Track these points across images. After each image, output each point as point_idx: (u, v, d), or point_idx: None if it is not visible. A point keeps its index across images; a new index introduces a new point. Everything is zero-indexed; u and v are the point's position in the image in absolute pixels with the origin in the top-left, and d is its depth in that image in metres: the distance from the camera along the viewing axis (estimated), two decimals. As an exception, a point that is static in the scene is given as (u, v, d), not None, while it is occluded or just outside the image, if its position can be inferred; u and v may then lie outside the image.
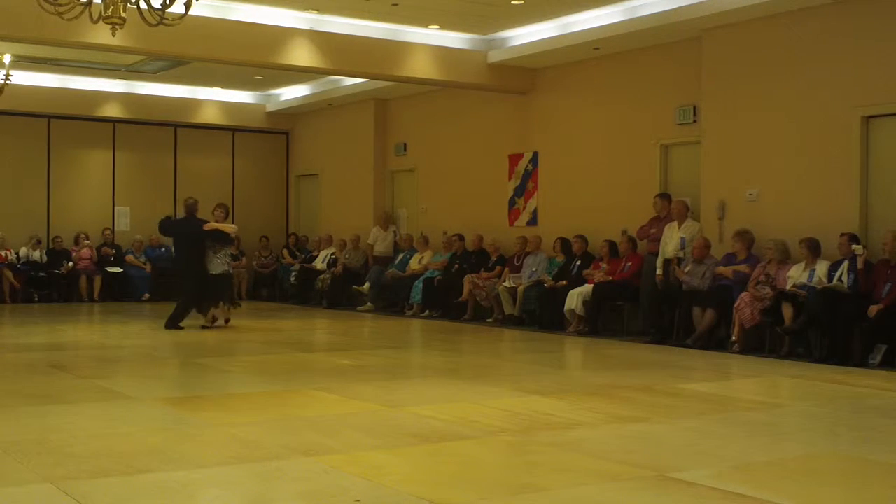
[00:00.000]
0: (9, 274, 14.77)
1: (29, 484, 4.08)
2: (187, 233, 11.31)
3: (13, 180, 15.68)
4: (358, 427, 5.40)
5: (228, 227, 11.43)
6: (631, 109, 11.66)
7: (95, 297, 15.37)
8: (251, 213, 17.50)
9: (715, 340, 9.64)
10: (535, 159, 13.01)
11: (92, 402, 6.29)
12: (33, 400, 6.28)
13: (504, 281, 12.22)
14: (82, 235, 15.68)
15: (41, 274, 15.29)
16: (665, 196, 10.83)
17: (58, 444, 4.87)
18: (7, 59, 11.02)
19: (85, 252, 15.50)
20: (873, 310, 8.27)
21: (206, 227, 11.18)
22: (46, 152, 16.00)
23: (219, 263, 11.21)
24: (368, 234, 15.16)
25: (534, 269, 12.08)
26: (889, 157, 9.07)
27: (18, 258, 15.21)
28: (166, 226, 11.85)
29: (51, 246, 15.61)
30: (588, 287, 10.97)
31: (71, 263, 15.37)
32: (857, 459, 4.85)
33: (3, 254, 14.91)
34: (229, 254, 11.59)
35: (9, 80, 11.32)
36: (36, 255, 15.34)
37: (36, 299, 15.18)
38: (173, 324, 11.09)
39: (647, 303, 10.54)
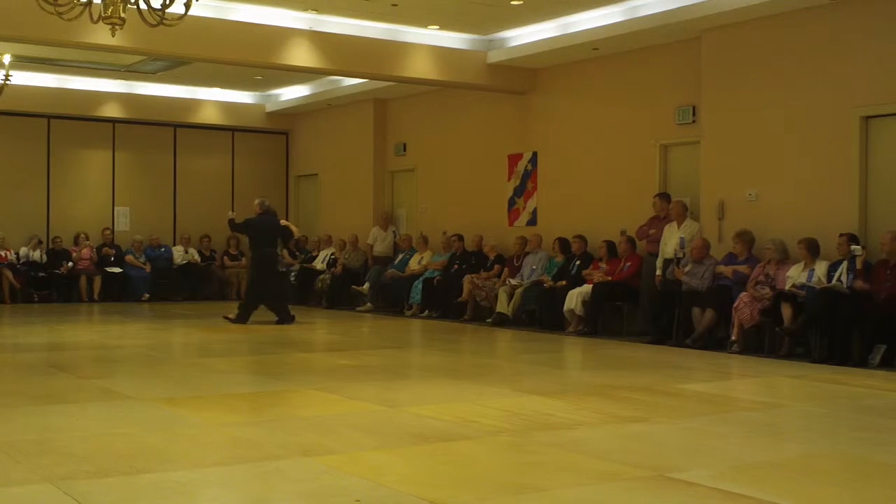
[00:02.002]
0: (9, 274, 14.77)
1: (29, 484, 4.08)
2: (272, 230, 11.98)
3: (13, 180, 15.67)
4: (357, 427, 5.40)
5: (294, 227, 12.84)
6: (630, 110, 11.66)
7: (95, 297, 15.37)
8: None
9: (714, 340, 9.64)
10: (534, 159, 13.01)
11: (92, 402, 6.29)
12: (33, 400, 6.28)
13: (504, 282, 12.22)
14: (82, 235, 15.68)
15: (41, 274, 15.28)
16: (664, 196, 10.83)
17: (58, 444, 4.87)
18: (7, 59, 11.02)
19: (85, 252, 15.50)
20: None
21: (283, 223, 12.29)
22: (46, 152, 16.00)
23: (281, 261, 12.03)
24: (368, 234, 15.16)
25: (534, 268, 12.08)
26: (889, 158, 9.07)
27: (18, 258, 15.20)
28: (243, 225, 12.07)
29: (50, 246, 15.61)
30: (587, 287, 10.97)
31: (71, 263, 15.37)
32: (856, 459, 4.85)
33: (3, 254, 14.90)
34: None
35: (8, 80, 11.32)
36: (36, 255, 15.34)
37: (36, 299, 15.17)
38: (287, 318, 11.71)
39: (647, 303, 10.54)
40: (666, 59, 11.23)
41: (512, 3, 10.90)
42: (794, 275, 9.08)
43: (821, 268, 8.92)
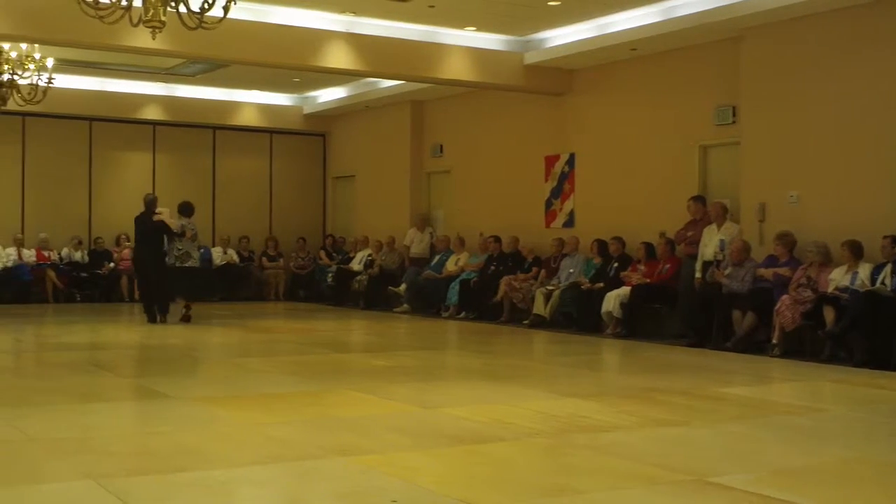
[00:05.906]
0: (52, 274, 15.02)
1: (70, 481, 4.15)
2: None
3: (56, 182, 15.91)
4: (393, 428, 5.41)
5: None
6: (669, 110, 11.56)
7: (136, 297, 15.54)
8: (288, 214, 17.64)
9: (755, 344, 9.53)
10: (571, 161, 12.96)
11: (132, 400, 6.37)
12: (75, 398, 6.37)
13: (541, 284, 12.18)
14: (123, 236, 15.88)
15: (83, 274, 15.51)
16: (699, 199, 10.71)
17: (98, 441, 4.93)
18: (50, 62, 11.19)
19: (126, 253, 15.69)
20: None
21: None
22: (88, 154, 16.23)
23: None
24: (404, 235, 15.19)
25: (571, 271, 12.02)
26: (933, 158, 8.91)
27: (61, 259, 15.45)
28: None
29: (92, 247, 15.83)
30: (625, 289, 10.90)
31: (112, 264, 15.58)
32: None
33: (45, 254, 15.16)
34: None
35: (51, 83, 11.48)
36: (77, 255, 15.57)
37: (78, 299, 15.39)
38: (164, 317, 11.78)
39: (686, 305, 10.44)
40: (704, 59, 11.12)
41: (549, 3, 10.86)
42: (837, 277, 8.95)
43: (864, 270, 8.78)
